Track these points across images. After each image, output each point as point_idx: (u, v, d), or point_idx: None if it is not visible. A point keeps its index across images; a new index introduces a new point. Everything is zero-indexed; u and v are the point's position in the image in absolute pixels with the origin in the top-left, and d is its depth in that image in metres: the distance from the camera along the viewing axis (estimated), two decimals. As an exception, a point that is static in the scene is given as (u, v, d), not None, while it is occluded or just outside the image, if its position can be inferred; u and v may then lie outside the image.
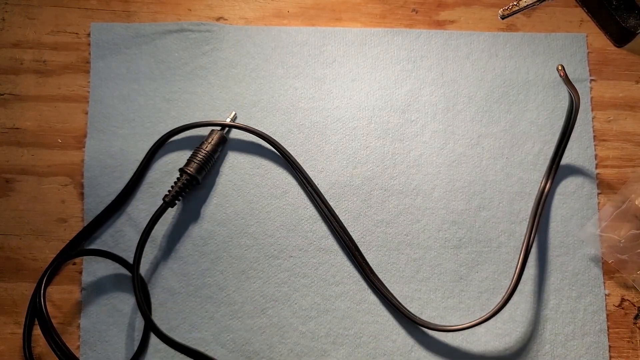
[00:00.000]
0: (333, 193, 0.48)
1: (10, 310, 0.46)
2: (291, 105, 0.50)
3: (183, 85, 0.49)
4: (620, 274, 0.48)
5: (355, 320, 0.46)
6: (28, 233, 0.47)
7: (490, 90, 0.50)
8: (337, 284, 0.47)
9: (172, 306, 0.46)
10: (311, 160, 0.49)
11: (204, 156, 0.46)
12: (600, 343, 0.47)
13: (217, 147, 0.47)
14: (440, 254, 0.48)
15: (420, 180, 0.49)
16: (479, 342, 0.46)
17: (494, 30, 0.52)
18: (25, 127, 0.48)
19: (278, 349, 0.45)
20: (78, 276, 0.46)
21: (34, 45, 0.49)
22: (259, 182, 0.48)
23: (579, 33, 0.52)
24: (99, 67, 0.49)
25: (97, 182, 0.48)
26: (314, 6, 0.51)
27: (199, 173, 0.46)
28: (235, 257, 0.47)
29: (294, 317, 0.46)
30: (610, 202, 0.49)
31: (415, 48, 0.51)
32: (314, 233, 0.47)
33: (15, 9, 0.50)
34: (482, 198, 0.49)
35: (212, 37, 0.50)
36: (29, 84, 0.49)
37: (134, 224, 0.47)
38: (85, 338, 0.45)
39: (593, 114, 0.50)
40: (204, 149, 0.46)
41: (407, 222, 0.48)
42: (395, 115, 0.50)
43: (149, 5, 0.51)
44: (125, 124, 0.49)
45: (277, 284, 0.47)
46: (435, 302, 0.47)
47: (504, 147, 0.50)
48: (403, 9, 0.52)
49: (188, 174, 0.45)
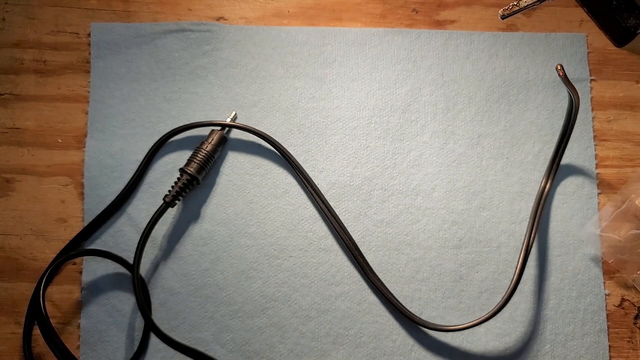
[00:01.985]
0: (333, 193, 0.48)
1: (10, 310, 0.46)
2: (291, 105, 0.50)
3: (183, 85, 0.49)
4: (620, 274, 0.48)
5: (355, 320, 0.46)
6: (28, 233, 0.47)
7: (491, 90, 0.50)
8: (337, 284, 0.47)
9: (172, 306, 0.46)
10: (311, 160, 0.49)
11: (204, 156, 0.46)
12: (600, 343, 0.47)
13: (217, 147, 0.47)
14: (441, 254, 0.48)
15: (421, 180, 0.49)
16: (479, 342, 0.46)
17: (494, 30, 0.52)
18: (26, 127, 0.49)
19: (278, 349, 0.46)
20: (78, 276, 0.46)
21: (34, 45, 0.49)
22: (259, 182, 0.48)
23: (579, 33, 0.52)
24: (99, 67, 0.49)
25: (97, 182, 0.48)
26: (314, 6, 0.51)
27: (199, 173, 0.46)
28: (235, 257, 0.47)
29: (294, 317, 0.46)
30: (610, 202, 0.49)
31: (416, 48, 0.51)
32: (314, 233, 0.47)
33: (16, 9, 0.50)
34: (482, 198, 0.49)
35: (213, 37, 0.50)
36: (29, 83, 0.49)
37: (134, 224, 0.47)
38: (85, 338, 0.45)
39: (593, 114, 0.51)
40: (204, 149, 0.46)
41: (407, 222, 0.48)
42: (395, 115, 0.50)
43: (149, 5, 0.51)
44: (125, 124, 0.49)
45: (277, 284, 0.47)
46: (435, 302, 0.47)
47: (504, 147, 0.50)
48: (403, 8, 0.52)
49: (188, 173, 0.45)
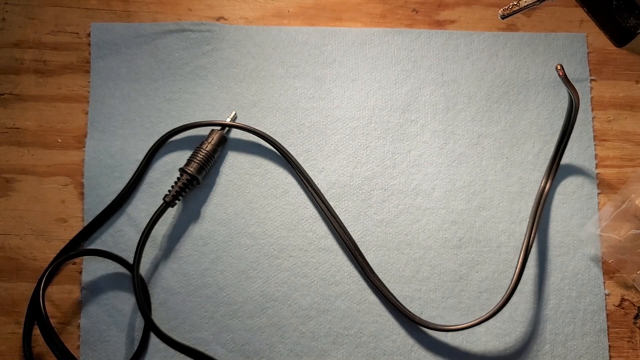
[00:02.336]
0: (333, 193, 0.48)
1: (10, 310, 0.46)
2: (291, 105, 0.50)
3: (183, 85, 0.49)
4: (620, 273, 0.48)
5: (355, 320, 0.46)
6: (28, 233, 0.47)
7: (491, 90, 0.50)
8: (337, 283, 0.47)
9: (172, 306, 0.46)
10: (311, 160, 0.49)
11: (204, 156, 0.46)
12: (600, 343, 0.47)
13: (217, 147, 0.47)
14: (440, 254, 0.48)
15: (421, 180, 0.49)
16: (479, 342, 0.46)
17: (494, 30, 0.52)
18: (26, 127, 0.49)
19: (278, 349, 0.45)
20: (78, 276, 0.46)
21: (34, 45, 0.49)
22: (259, 182, 0.48)
23: (579, 33, 0.52)
24: (99, 67, 0.49)
25: (97, 182, 0.48)
26: (314, 6, 0.52)
27: (199, 173, 0.46)
28: (235, 257, 0.47)
29: (294, 317, 0.46)
30: (610, 201, 0.49)
31: (416, 48, 0.51)
32: (314, 233, 0.47)
33: (16, 9, 0.50)
34: (482, 198, 0.49)
35: (213, 37, 0.50)
36: (29, 83, 0.49)
37: (134, 224, 0.47)
38: (85, 338, 0.45)
39: (593, 113, 0.50)
40: (204, 148, 0.46)
41: (407, 221, 0.48)
42: (395, 115, 0.50)
43: (149, 5, 0.51)
44: (125, 124, 0.49)
45: (277, 283, 0.47)
46: (435, 302, 0.47)
47: (504, 146, 0.50)
48: (403, 8, 0.52)
49: (188, 173, 0.45)
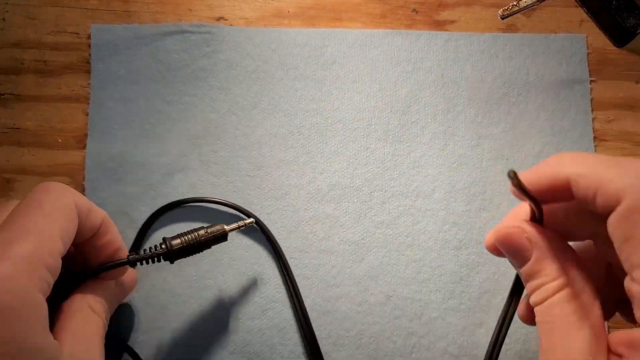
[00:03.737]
0: (333, 194, 0.48)
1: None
2: (291, 107, 0.50)
3: (183, 87, 0.49)
4: (621, 275, 0.48)
5: (356, 321, 0.46)
6: (28, 234, 0.47)
7: (491, 91, 0.50)
8: (338, 285, 0.47)
9: (173, 308, 0.46)
10: (311, 162, 0.49)
11: (195, 245, 0.41)
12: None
13: (213, 243, 0.42)
14: (441, 255, 0.47)
15: (421, 181, 0.49)
16: (479, 342, 0.46)
17: (494, 30, 0.52)
18: (26, 127, 0.48)
19: (279, 350, 0.45)
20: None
21: (34, 45, 0.49)
22: (259, 183, 0.48)
23: (579, 34, 0.52)
24: (100, 68, 0.49)
25: (97, 183, 0.47)
26: (314, 6, 0.52)
27: (178, 257, 0.40)
28: (236, 258, 0.47)
29: (295, 318, 0.46)
30: (610, 203, 0.49)
31: (416, 50, 0.51)
32: (315, 235, 0.47)
33: (16, 9, 0.50)
34: (482, 199, 0.49)
35: (212, 38, 0.50)
36: (29, 84, 0.49)
37: (134, 225, 0.47)
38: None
39: (593, 114, 0.50)
40: (200, 238, 0.41)
41: (408, 223, 0.48)
42: (395, 116, 0.50)
43: (150, 5, 0.51)
44: (125, 126, 0.49)
45: (277, 285, 0.46)
46: (435, 303, 0.47)
47: (504, 148, 0.50)
48: (403, 9, 0.52)
49: (169, 255, 0.40)
